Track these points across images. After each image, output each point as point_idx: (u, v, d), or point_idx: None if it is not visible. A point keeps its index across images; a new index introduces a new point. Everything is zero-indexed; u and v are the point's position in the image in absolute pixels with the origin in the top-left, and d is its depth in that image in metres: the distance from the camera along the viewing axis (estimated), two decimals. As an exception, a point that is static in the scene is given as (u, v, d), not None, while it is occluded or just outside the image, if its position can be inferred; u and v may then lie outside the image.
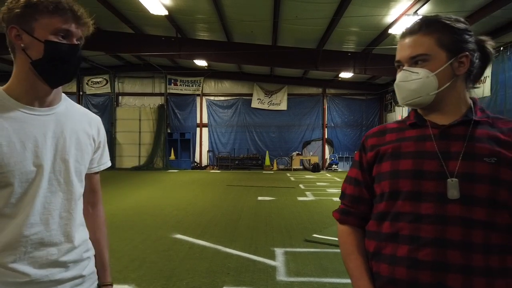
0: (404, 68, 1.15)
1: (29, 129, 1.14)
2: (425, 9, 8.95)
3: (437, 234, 1.04)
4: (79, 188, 1.27)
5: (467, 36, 1.12)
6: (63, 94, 1.29)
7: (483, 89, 10.30)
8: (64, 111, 1.25)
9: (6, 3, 1.13)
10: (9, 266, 1.11)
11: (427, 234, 1.05)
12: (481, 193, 1.04)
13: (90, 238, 1.37)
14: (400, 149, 1.15)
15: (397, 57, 1.17)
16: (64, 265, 1.21)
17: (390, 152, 1.17)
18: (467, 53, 1.11)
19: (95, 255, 1.37)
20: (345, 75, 15.83)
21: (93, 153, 1.34)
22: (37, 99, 1.18)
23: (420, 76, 1.11)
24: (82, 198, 1.31)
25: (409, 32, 1.14)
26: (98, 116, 1.41)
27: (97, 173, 1.40)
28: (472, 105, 1.15)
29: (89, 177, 1.35)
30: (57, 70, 1.15)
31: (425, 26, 1.12)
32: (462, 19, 1.15)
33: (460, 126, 1.11)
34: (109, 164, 1.44)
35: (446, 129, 1.12)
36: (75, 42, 1.16)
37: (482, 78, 1.20)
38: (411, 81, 1.12)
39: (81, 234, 1.28)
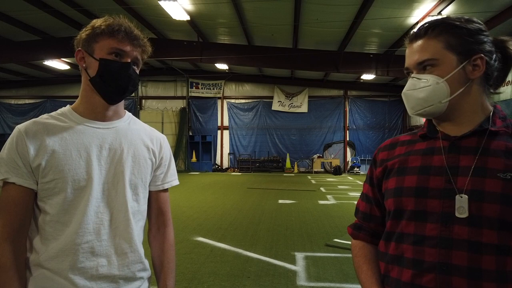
0: (412, 75, 1.06)
1: (87, 139, 1.21)
2: (449, 10, 8.76)
3: (441, 259, 0.96)
4: (132, 202, 1.26)
5: (481, 37, 1.02)
6: (128, 113, 1.36)
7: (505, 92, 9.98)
8: (125, 127, 1.30)
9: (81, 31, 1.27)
10: (60, 273, 1.14)
11: (431, 258, 0.98)
12: (489, 213, 0.94)
13: (153, 262, 1.36)
14: (407, 163, 1.08)
15: (406, 64, 1.09)
16: (114, 280, 1.20)
17: (396, 167, 1.10)
18: (481, 54, 1.01)
19: (158, 281, 1.34)
20: (367, 77, 15.65)
21: (154, 169, 1.33)
22: (98, 114, 1.25)
23: (429, 83, 1.02)
24: (142, 215, 1.30)
25: (415, 37, 1.06)
26: (163, 135, 1.42)
27: (163, 192, 1.38)
28: (491, 113, 1.04)
29: (154, 195, 1.35)
30: (110, 87, 1.22)
31: (431, 29, 1.03)
32: (475, 19, 1.05)
33: (473, 137, 1.02)
34: (175, 183, 1.42)
35: (457, 141, 1.03)
36: (128, 61, 1.23)
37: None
38: (419, 89, 1.03)
39: (136, 251, 1.26)
